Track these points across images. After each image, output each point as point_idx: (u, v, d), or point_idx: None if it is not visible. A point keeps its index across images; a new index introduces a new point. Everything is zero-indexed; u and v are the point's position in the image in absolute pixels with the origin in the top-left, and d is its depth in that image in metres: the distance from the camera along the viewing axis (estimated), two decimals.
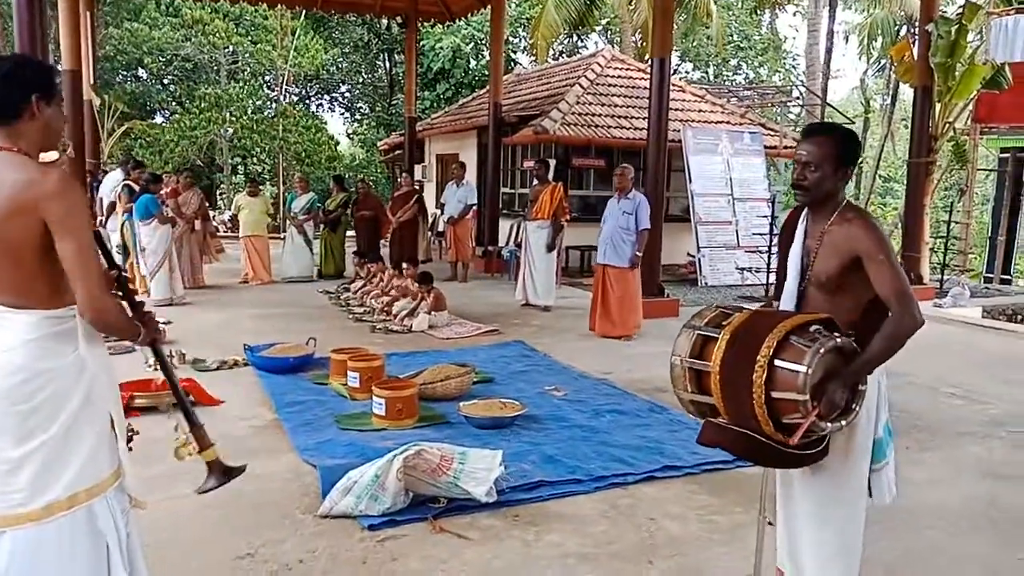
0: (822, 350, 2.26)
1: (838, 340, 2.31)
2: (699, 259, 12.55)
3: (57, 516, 2.03)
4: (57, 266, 2.02)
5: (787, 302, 2.67)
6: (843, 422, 2.35)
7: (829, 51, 19.66)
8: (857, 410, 2.38)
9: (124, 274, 2.44)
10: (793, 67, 29.00)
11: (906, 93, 19.42)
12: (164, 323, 7.53)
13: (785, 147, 14.04)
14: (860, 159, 2.73)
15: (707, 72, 29.99)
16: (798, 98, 18.73)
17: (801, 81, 20.07)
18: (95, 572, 2.12)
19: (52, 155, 4.58)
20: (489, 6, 13.78)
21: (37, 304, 2.02)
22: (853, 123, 19.02)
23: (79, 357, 2.06)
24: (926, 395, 5.97)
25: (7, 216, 1.94)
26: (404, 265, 9.00)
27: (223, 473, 2.56)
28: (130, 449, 2.29)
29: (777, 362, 2.29)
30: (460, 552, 3.23)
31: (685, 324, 2.61)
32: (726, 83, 27.37)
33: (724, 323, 2.51)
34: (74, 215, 1.98)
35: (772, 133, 14.49)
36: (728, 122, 14.33)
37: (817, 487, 2.51)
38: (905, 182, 13.42)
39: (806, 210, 2.67)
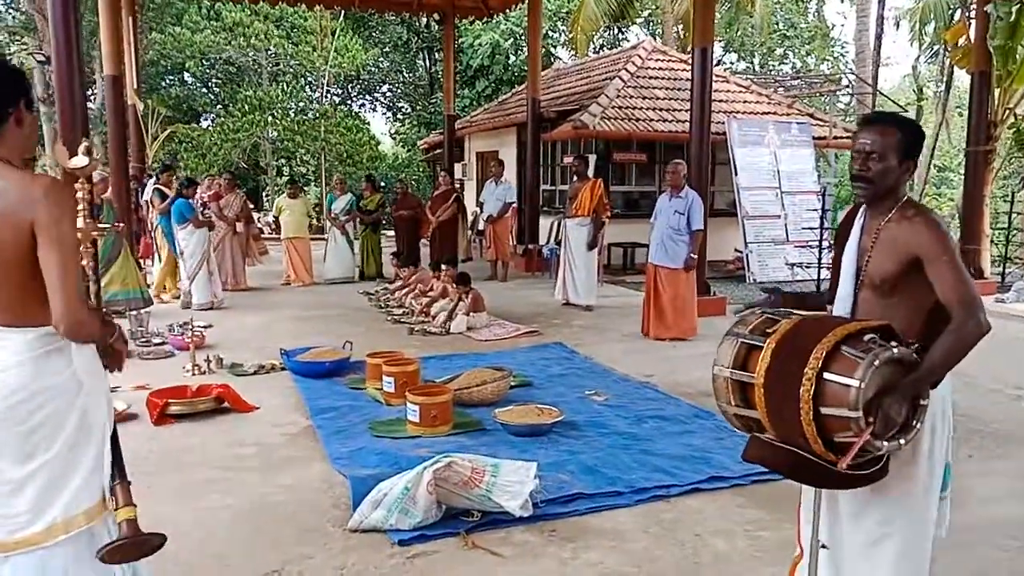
0: (876, 362, 2.05)
1: (895, 351, 2.10)
2: (747, 255, 12.20)
3: (58, 539, 1.97)
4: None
5: (841, 306, 2.46)
6: (901, 440, 2.14)
7: (879, 37, 19.00)
8: (918, 427, 2.17)
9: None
10: (842, 55, 28.21)
11: (961, 79, 18.70)
12: (204, 327, 7.56)
13: (835, 137, 13.60)
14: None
15: (752, 62, 29.37)
16: (847, 87, 18.15)
17: (850, 69, 19.45)
18: None
19: (82, 160, 4.54)
20: (526, 1, 13.60)
21: (32, 321, 1.96)
22: (906, 111, 18.39)
23: (75, 374, 2.01)
24: (989, 398, 5.65)
25: (2, 227, 1.86)
26: (443, 267, 8.89)
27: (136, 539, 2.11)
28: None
29: (827, 375, 2.09)
30: (493, 571, 3.09)
31: (728, 331, 2.42)
32: (772, 73, 26.74)
33: (770, 330, 2.32)
34: (62, 223, 1.92)
35: (821, 123, 14.05)
36: (775, 113, 13.93)
37: (870, 512, 2.29)
38: (962, 172, 12.88)
39: (863, 207, 2.46)
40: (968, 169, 11.47)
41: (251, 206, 14.06)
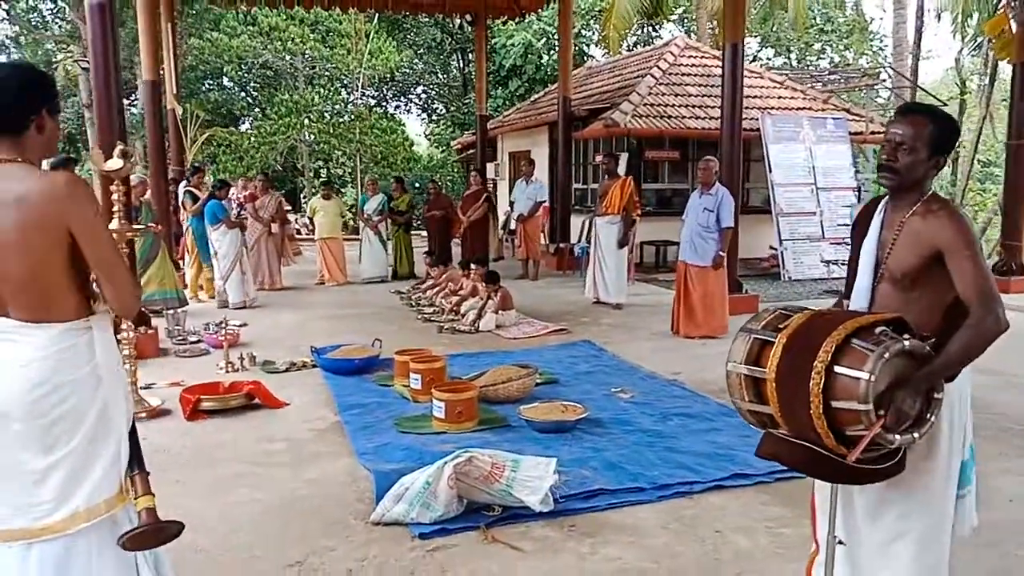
0: (887, 354, 2.04)
1: (906, 343, 2.08)
2: (781, 252, 12.06)
3: (80, 526, 2.03)
4: (76, 278, 2.03)
5: (858, 300, 2.44)
6: (915, 434, 2.11)
7: (919, 30, 18.61)
8: (932, 420, 2.14)
9: None
10: (880, 49, 27.68)
11: (1005, 72, 18.22)
12: (240, 325, 7.70)
13: (872, 132, 13.35)
14: (957, 146, 2.45)
15: (789, 57, 28.96)
16: (884, 81, 17.81)
17: (889, 63, 19.09)
18: None
19: (117, 163, 4.68)
20: (557, 0, 13.60)
21: (56, 317, 2.02)
22: (946, 105, 17.96)
23: (96, 368, 2.06)
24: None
25: (30, 228, 1.93)
26: (472, 266, 8.94)
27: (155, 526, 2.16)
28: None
29: (837, 368, 2.08)
30: (511, 565, 3.11)
31: (742, 327, 2.42)
32: (810, 68, 26.33)
33: (782, 326, 2.31)
34: (97, 218, 2.04)
35: (858, 118, 13.80)
36: (810, 108, 13.73)
37: (886, 510, 2.27)
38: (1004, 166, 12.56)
39: (884, 200, 2.44)
40: (1009, 163, 11.18)
41: (287, 207, 14.29)
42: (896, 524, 2.26)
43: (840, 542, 2.37)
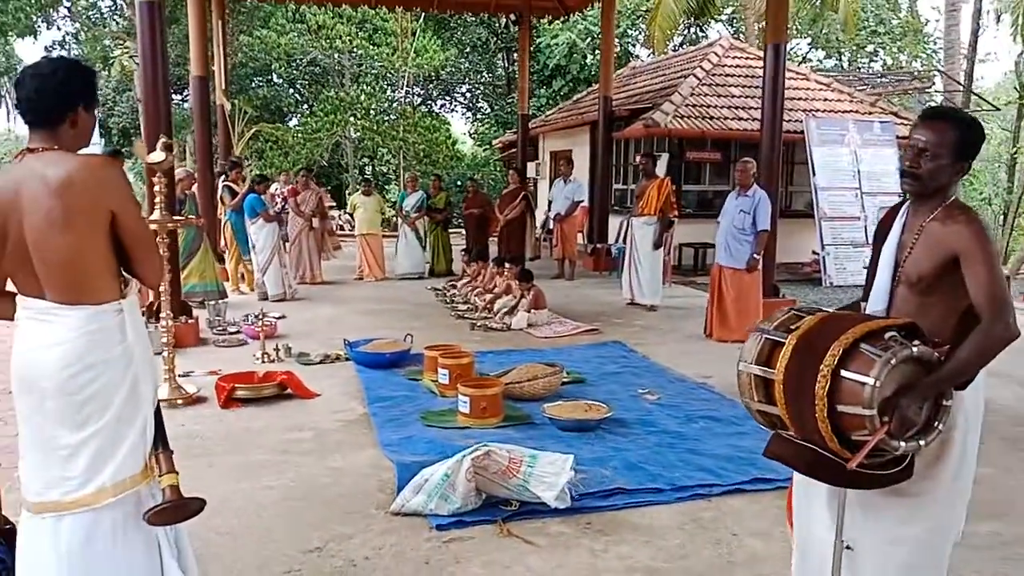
0: (894, 360, 2.02)
1: (914, 350, 2.06)
2: (824, 257, 11.88)
3: (106, 501, 2.13)
4: (111, 261, 2.14)
5: (876, 302, 2.43)
6: (921, 442, 2.10)
7: (975, 33, 18.11)
8: (940, 428, 2.12)
9: None
10: (935, 52, 26.98)
11: None
12: (278, 317, 7.88)
13: None
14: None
15: (841, 59, 28.40)
16: (935, 85, 17.39)
17: (939, 67, 18.64)
18: (146, 555, 2.23)
19: (159, 155, 4.84)
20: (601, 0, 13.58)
21: (90, 299, 2.12)
22: (999, 110, 17.41)
23: (127, 349, 2.17)
24: None
25: (75, 210, 2.04)
26: (506, 264, 8.99)
27: (178, 503, 2.27)
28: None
29: (843, 372, 2.07)
30: (524, 558, 3.16)
31: (754, 327, 2.43)
32: (861, 70, 25.81)
33: (794, 327, 2.30)
34: (131, 194, 2.19)
35: (906, 122, 13.51)
36: (856, 111, 13.50)
37: (889, 511, 2.26)
38: None
39: (906, 204, 2.42)
40: None
41: (332, 203, 14.50)
42: (896, 528, 2.25)
43: (848, 547, 2.37)
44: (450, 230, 12.67)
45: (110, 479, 2.15)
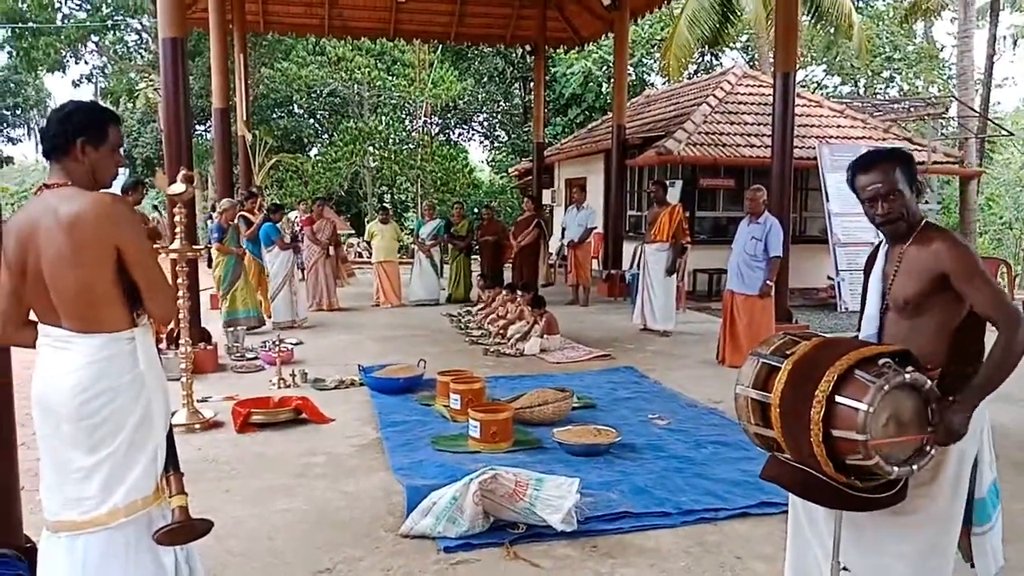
0: (887, 386, 2.08)
1: (907, 376, 2.12)
2: (838, 283, 11.85)
3: (120, 521, 2.22)
4: (122, 291, 2.23)
5: (868, 327, 2.52)
6: (914, 466, 2.15)
7: (991, 58, 18.14)
8: (932, 452, 2.17)
9: None
10: (951, 78, 27.00)
11: None
12: (295, 344, 8.00)
13: (935, 163, 13.09)
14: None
15: (857, 86, 28.48)
16: (948, 111, 17.39)
17: (954, 93, 18.67)
18: (158, 574, 2.30)
19: (180, 187, 4.99)
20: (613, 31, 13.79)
21: (102, 328, 2.22)
22: (1013, 135, 17.35)
23: (139, 375, 2.26)
24: None
25: (80, 245, 2.14)
26: (519, 292, 9.07)
27: (186, 524, 2.35)
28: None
29: (838, 398, 2.14)
30: None
31: (751, 352, 2.49)
32: (876, 96, 25.86)
33: (789, 352, 2.37)
34: (139, 233, 2.27)
35: (919, 148, 13.53)
36: (870, 137, 13.53)
37: (884, 531, 2.30)
38: None
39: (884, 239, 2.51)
40: None
41: (351, 231, 14.65)
42: (893, 545, 2.29)
43: (844, 568, 2.40)
44: (471, 257, 12.78)
45: (122, 500, 2.23)
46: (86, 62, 25.89)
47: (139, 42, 25.63)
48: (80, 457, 2.21)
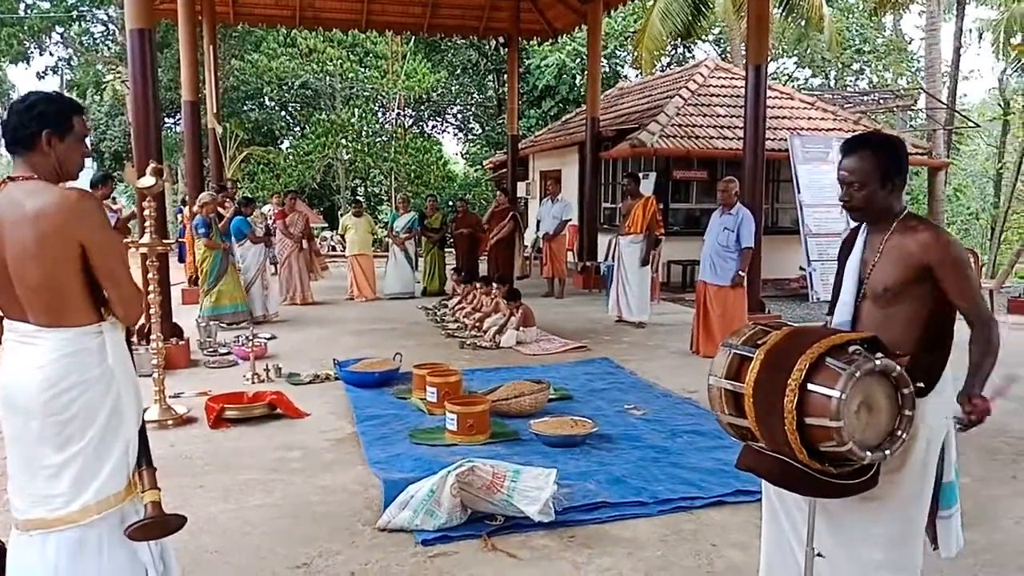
0: (858, 373, 2.11)
1: (877, 363, 2.15)
2: (810, 273, 11.99)
3: (92, 518, 2.19)
4: (88, 285, 2.19)
5: (841, 315, 2.54)
6: (887, 451, 2.18)
7: (958, 51, 18.44)
8: (903, 437, 2.20)
9: None
10: (920, 70, 27.40)
11: None
12: (269, 338, 7.93)
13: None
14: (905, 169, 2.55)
15: (828, 78, 28.79)
16: (917, 103, 17.66)
17: (922, 85, 18.96)
18: (132, 572, 2.28)
19: (149, 180, 4.92)
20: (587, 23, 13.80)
21: (70, 322, 2.18)
22: (979, 127, 17.65)
23: (108, 369, 2.22)
24: None
25: (45, 240, 2.10)
26: (494, 285, 9.07)
27: (159, 519, 2.32)
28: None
29: (810, 386, 2.16)
30: (507, 572, 3.21)
31: (723, 342, 2.51)
32: (847, 88, 26.17)
33: (761, 342, 2.39)
34: (105, 229, 2.20)
35: None
36: (841, 129, 13.69)
37: (855, 515, 2.34)
38: None
39: (864, 224, 2.53)
40: None
41: (324, 224, 14.53)
42: (866, 528, 2.33)
43: (819, 554, 2.44)
44: (445, 250, 12.75)
45: (94, 497, 2.20)
46: (51, 53, 25.40)
47: (106, 33, 25.15)
48: (50, 454, 2.18)
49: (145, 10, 6.75)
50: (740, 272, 7.39)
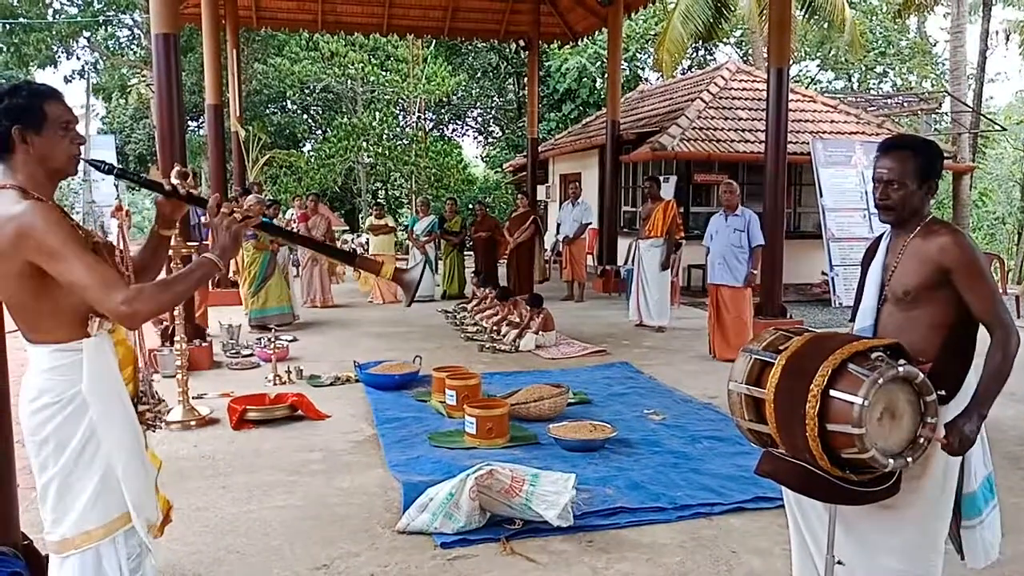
0: (881, 380, 2.09)
1: (900, 369, 2.13)
2: (832, 278, 11.89)
3: (71, 552, 2.04)
4: (57, 300, 1.98)
5: (863, 320, 2.52)
6: (909, 458, 2.16)
7: (984, 53, 18.20)
8: (926, 445, 2.19)
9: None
10: (944, 73, 27.09)
11: None
12: (290, 340, 7.99)
13: None
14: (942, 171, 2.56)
15: (851, 80, 28.54)
16: (941, 107, 17.46)
17: (947, 88, 18.75)
18: None
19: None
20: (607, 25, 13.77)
21: (44, 339, 2.02)
22: (1005, 130, 17.40)
23: (79, 394, 2.01)
24: None
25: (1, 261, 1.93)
26: (511, 298, 9.06)
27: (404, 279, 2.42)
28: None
29: (832, 392, 2.15)
30: (526, 575, 3.21)
31: (743, 347, 2.50)
32: (871, 91, 25.93)
33: (782, 347, 2.38)
34: (55, 239, 1.90)
35: None
36: (863, 132, 13.57)
37: (874, 523, 2.32)
38: None
39: (888, 231, 2.52)
40: None
41: (343, 227, 14.60)
42: (884, 538, 2.31)
43: (839, 562, 2.42)
44: (465, 253, 12.79)
45: (72, 530, 2.04)
46: (78, 58, 25.74)
47: (131, 38, 25.50)
48: (36, 473, 2.06)
49: (170, 15, 6.85)
50: (753, 271, 7.46)
